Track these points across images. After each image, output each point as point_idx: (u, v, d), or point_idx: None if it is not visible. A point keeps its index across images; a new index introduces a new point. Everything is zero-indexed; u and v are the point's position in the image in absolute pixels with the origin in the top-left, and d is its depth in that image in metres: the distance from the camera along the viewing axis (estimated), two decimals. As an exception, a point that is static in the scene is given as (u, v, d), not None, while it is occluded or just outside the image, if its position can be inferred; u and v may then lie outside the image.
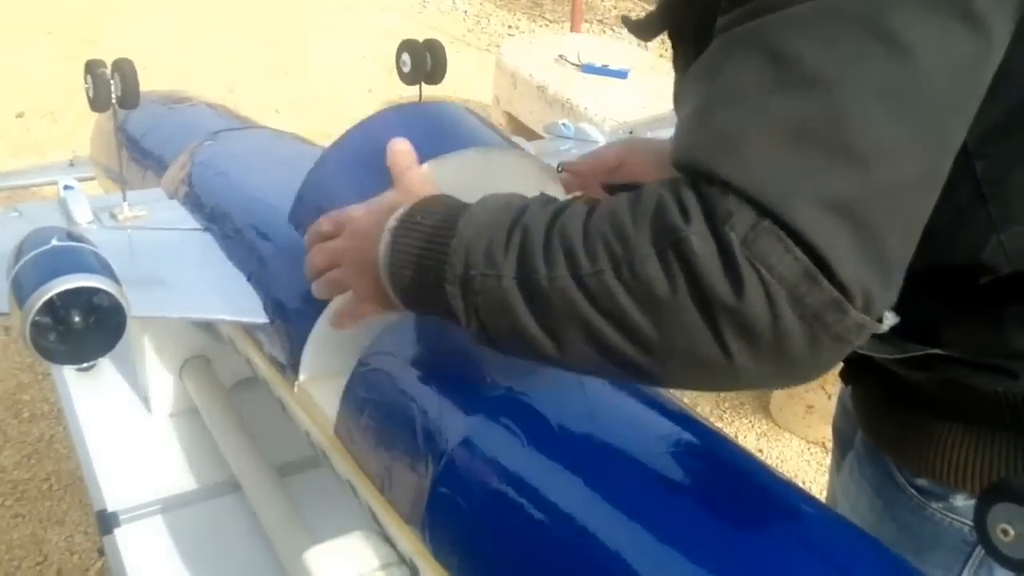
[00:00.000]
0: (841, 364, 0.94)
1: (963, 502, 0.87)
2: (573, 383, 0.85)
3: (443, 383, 0.89)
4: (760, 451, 2.66)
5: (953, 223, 0.72)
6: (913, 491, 0.90)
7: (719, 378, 0.63)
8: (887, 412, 0.93)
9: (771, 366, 0.60)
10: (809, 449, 2.67)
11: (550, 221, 0.68)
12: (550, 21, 6.45)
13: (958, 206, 0.71)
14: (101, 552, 1.23)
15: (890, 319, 0.65)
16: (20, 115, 4.56)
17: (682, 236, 0.60)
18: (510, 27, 6.37)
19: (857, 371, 0.96)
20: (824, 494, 2.45)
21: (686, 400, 2.44)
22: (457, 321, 0.73)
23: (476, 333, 0.72)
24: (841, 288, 0.57)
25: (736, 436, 2.72)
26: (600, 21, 6.40)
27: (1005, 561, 0.71)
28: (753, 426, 2.77)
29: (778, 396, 2.74)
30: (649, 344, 0.62)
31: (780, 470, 2.49)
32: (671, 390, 0.90)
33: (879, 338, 0.66)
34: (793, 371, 0.61)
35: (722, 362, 0.60)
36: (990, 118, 0.66)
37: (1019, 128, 0.71)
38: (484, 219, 0.72)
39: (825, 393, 2.57)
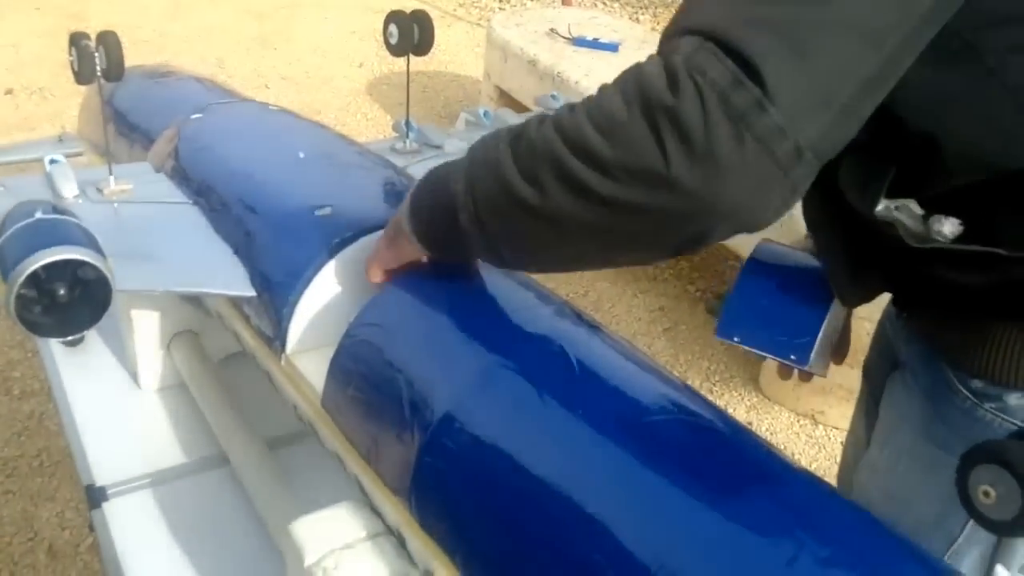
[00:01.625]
0: (891, 295, 1.02)
1: (1016, 401, 0.92)
2: (560, 353, 0.85)
3: (429, 354, 0.89)
4: (750, 424, 2.67)
5: (1002, 136, 0.79)
6: (967, 393, 0.95)
7: (666, 193, 0.69)
8: (945, 321, 0.97)
9: (704, 169, 0.67)
10: (799, 422, 2.68)
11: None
12: (541, -5, 6.43)
13: (1004, 124, 0.78)
14: (92, 527, 1.24)
15: (953, 227, 0.83)
16: (9, 92, 4.53)
17: (640, 69, 0.71)
18: (501, 1, 6.35)
19: (912, 295, 1.00)
20: (814, 465, 2.46)
21: (676, 373, 2.44)
22: (464, 235, 0.85)
23: (472, 216, 0.83)
24: (764, 90, 0.66)
25: (726, 408, 2.71)
26: (591, -5, 6.37)
27: (987, 523, 0.71)
28: (743, 399, 2.77)
29: (767, 369, 2.74)
30: (606, 165, 0.70)
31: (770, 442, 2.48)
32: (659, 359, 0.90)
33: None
34: (726, 181, 0.68)
35: (663, 172, 0.68)
36: (1009, 33, 0.77)
37: None
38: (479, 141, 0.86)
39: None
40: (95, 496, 1.21)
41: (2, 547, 2.18)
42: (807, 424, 2.67)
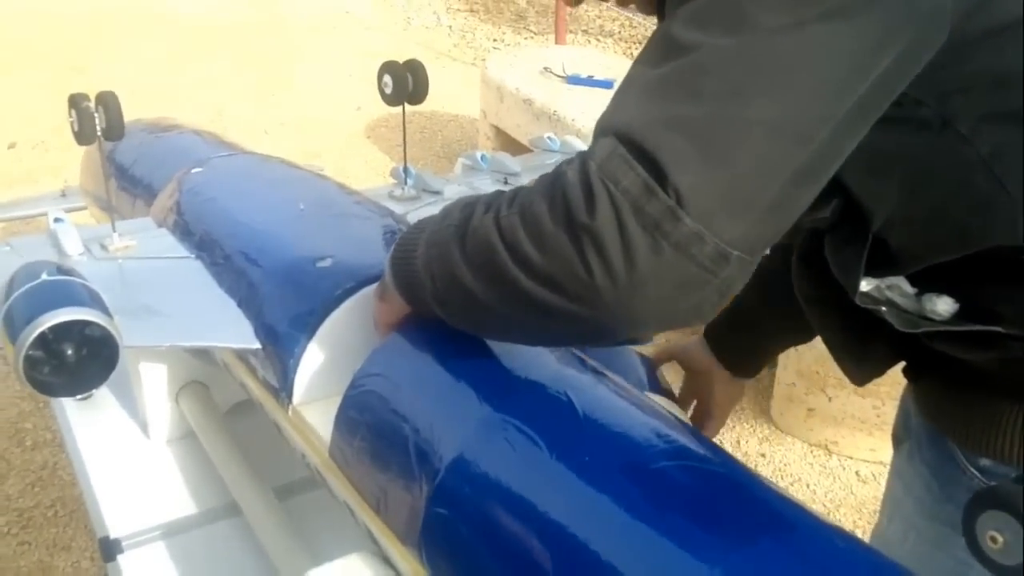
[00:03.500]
0: (903, 363, 0.98)
1: None
2: (565, 399, 0.85)
3: (435, 403, 0.90)
4: (763, 455, 2.66)
5: (982, 211, 0.77)
6: (974, 471, 0.92)
7: (592, 305, 0.70)
8: (951, 396, 0.94)
9: (627, 281, 0.68)
10: (812, 452, 2.67)
11: (496, 194, 0.80)
12: (535, 33, 6.47)
13: (979, 193, 0.76)
14: (107, 577, 1.25)
15: (948, 306, 0.81)
16: (12, 146, 4.56)
17: (562, 178, 0.71)
18: (495, 40, 6.39)
19: (921, 367, 0.98)
20: (828, 496, 2.45)
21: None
22: (432, 307, 0.87)
23: (433, 294, 0.85)
24: (678, 197, 0.65)
25: (738, 441, 2.72)
26: (584, 32, 6.42)
27: (995, 568, 0.71)
28: (755, 431, 2.77)
29: (779, 400, 2.74)
30: (537, 273, 0.72)
31: (783, 474, 2.46)
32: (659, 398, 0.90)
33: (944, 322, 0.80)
34: (648, 289, 0.68)
35: (587, 281, 0.69)
36: (977, 102, 0.74)
37: (1005, 104, 0.75)
38: (439, 213, 0.87)
39: (826, 396, 2.57)
40: (110, 549, 1.21)
41: (18, 599, 2.18)
42: (820, 454, 2.66)
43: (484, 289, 0.78)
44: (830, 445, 2.66)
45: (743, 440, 2.72)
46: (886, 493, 1.12)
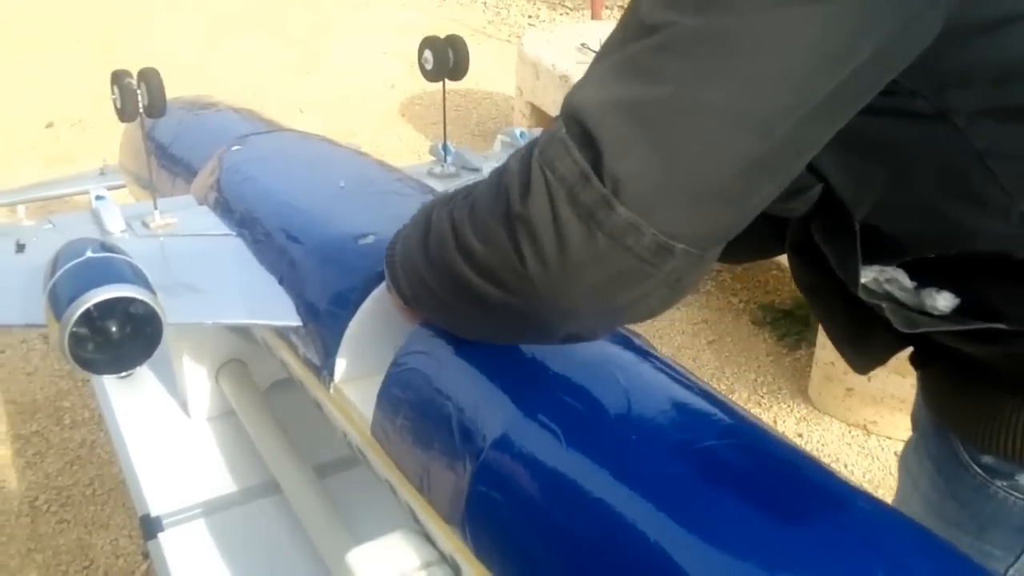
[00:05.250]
0: (911, 349, 0.95)
1: None
2: (610, 377, 0.84)
3: (478, 381, 0.89)
4: (800, 436, 2.64)
5: (975, 206, 0.73)
6: (977, 469, 0.89)
7: (527, 296, 0.69)
8: (956, 390, 0.91)
9: (559, 270, 0.66)
10: (850, 432, 2.65)
11: (460, 189, 0.80)
12: (570, 9, 6.44)
13: (971, 187, 0.73)
14: (146, 555, 1.25)
15: (948, 301, 0.78)
16: (50, 125, 4.60)
17: (506, 168, 0.70)
18: (530, 17, 6.36)
19: (926, 356, 0.95)
20: (867, 476, 2.43)
21: (722, 386, 2.40)
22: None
23: (407, 287, 0.87)
24: (614, 185, 0.62)
25: (775, 421, 2.70)
26: (620, 7, 6.36)
27: None
28: (792, 410, 2.74)
29: (817, 380, 2.72)
30: (479, 265, 0.72)
31: (821, 454, 2.44)
32: (705, 379, 0.89)
33: (945, 317, 0.77)
34: (582, 279, 0.66)
35: (520, 271, 0.68)
36: (975, 96, 0.70)
37: (1004, 99, 0.71)
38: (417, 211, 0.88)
39: (865, 376, 2.55)
40: (151, 526, 1.22)
41: (59, 576, 2.21)
42: (859, 435, 2.64)
43: (439, 284, 0.79)
44: (869, 425, 2.64)
45: (780, 420, 2.70)
46: (898, 485, 1.09)
